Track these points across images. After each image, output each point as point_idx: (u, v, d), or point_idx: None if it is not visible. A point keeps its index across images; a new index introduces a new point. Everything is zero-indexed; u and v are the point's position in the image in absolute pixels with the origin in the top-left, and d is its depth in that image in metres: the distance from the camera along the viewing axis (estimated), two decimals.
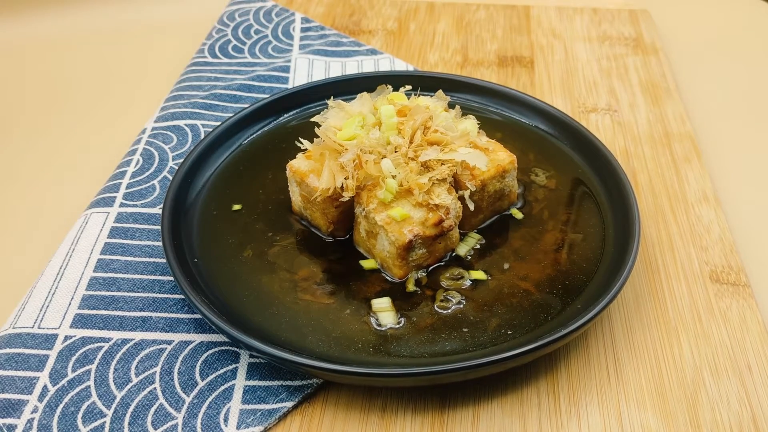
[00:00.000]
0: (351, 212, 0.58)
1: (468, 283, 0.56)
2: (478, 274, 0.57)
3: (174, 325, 0.55)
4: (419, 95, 0.64)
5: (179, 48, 0.91)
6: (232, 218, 0.62)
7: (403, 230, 0.54)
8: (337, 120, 0.60)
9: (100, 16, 0.98)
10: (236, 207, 0.63)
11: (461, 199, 0.57)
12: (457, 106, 0.63)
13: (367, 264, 0.58)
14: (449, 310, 0.54)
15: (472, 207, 0.58)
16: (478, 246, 0.59)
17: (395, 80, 0.68)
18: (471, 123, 0.62)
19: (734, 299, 0.58)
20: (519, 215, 0.62)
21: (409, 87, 0.66)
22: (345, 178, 0.56)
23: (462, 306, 0.55)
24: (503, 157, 0.60)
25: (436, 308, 0.54)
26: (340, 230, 0.60)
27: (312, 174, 0.58)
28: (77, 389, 0.50)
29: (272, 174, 0.66)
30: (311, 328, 0.53)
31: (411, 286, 0.56)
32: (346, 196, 0.56)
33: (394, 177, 0.56)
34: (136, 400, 0.50)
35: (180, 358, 0.52)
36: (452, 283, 0.56)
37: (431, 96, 0.63)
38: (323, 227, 0.60)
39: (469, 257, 0.58)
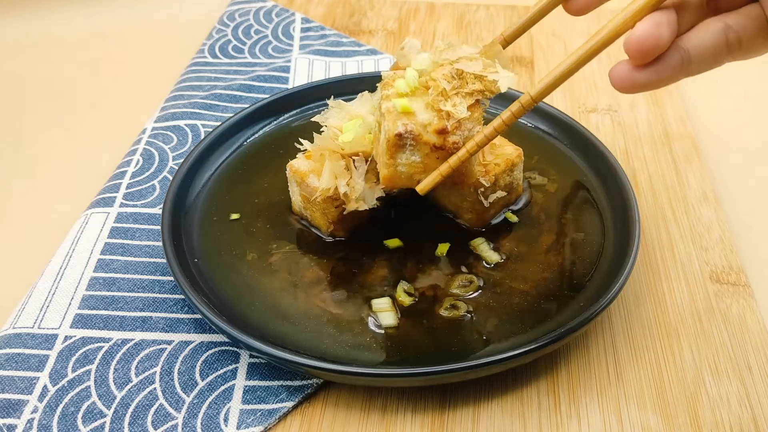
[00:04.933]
0: (351, 212, 0.58)
1: (476, 292, 0.56)
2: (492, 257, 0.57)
3: (174, 325, 0.55)
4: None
5: (179, 48, 0.90)
6: (232, 218, 0.62)
7: (397, 122, 0.50)
8: (338, 120, 0.60)
9: (100, 16, 0.98)
10: (235, 209, 0.63)
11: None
12: None
13: (392, 243, 0.59)
14: (449, 311, 0.54)
15: (486, 204, 0.58)
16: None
17: None
18: None
19: (734, 299, 0.58)
20: (514, 219, 0.61)
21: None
22: (347, 184, 0.55)
23: (462, 308, 0.55)
24: (510, 150, 0.60)
25: (436, 308, 0.54)
26: (340, 230, 0.60)
27: (312, 174, 0.58)
28: (77, 389, 0.50)
29: (272, 174, 0.66)
30: (311, 327, 0.53)
31: (400, 295, 0.55)
32: (349, 207, 0.56)
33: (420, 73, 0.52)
34: (136, 400, 0.50)
35: (180, 358, 0.52)
36: (459, 290, 0.56)
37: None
38: (323, 227, 0.60)
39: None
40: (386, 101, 0.51)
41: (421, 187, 0.51)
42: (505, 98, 0.72)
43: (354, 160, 0.56)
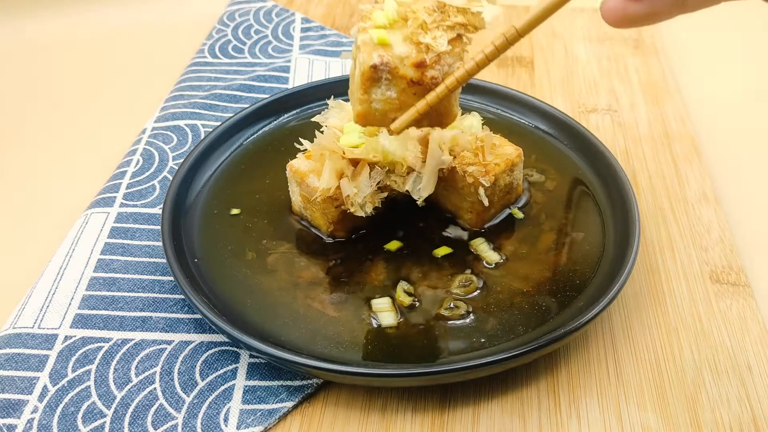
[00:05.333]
0: (351, 212, 0.58)
1: (476, 292, 0.56)
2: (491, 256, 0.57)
3: (174, 325, 0.55)
4: None
5: (179, 48, 0.90)
6: (231, 218, 0.62)
7: (373, 53, 0.47)
8: (338, 120, 0.60)
9: (100, 16, 0.98)
10: (236, 208, 0.63)
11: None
12: None
13: (392, 246, 0.59)
14: (449, 311, 0.54)
15: (486, 202, 0.58)
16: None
17: None
18: (476, 119, 0.62)
19: (734, 299, 0.58)
20: (519, 215, 0.62)
21: None
22: (353, 187, 0.55)
23: (462, 307, 0.55)
24: (510, 151, 0.60)
25: (436, 308, 0.54)
26: (340, 230, 0.60)
27: (312, 174, 0.58)
28: (77, 389, 0.50)
29: (272, 174, 0.66)
30: (311, 327, 0.53)
31: (400, 295, 0.55)
32: (353, 211, 0.56)
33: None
34: (136, 400, 0.50)
35: (180, 358, 0.52)
36: (459, 290, 0.56)
37: None
38: (323, 227, 0.60)
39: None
40: (363, 33, 0.48)
41: (396, 126, 0.48)
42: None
43: (370, 170, 0.56)
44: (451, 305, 0.54)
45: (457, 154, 0.59)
